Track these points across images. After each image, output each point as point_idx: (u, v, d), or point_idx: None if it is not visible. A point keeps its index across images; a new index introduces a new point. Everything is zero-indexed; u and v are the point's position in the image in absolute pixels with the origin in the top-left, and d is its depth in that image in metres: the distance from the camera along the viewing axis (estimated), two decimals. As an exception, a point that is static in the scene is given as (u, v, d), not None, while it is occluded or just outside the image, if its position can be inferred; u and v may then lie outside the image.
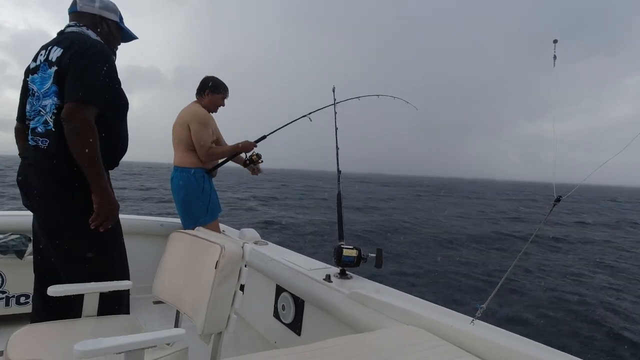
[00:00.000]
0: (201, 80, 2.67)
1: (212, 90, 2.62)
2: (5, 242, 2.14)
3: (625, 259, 10.97)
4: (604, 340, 5.22)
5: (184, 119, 2.54)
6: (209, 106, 2.63)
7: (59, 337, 1.25)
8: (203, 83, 2.64)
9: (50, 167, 1.40)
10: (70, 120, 1.32)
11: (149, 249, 2.46)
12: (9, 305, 2.15)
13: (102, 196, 1.38)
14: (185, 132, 2.52)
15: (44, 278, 1.52)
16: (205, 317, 1.22)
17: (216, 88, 2.63)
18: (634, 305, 6.81)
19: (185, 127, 2.51)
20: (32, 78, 1.48)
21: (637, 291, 7.71)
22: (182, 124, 2.53)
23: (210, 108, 2.64)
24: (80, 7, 1.55)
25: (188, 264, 1.42)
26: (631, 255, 11.56)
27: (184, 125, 2.52)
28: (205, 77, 2.67)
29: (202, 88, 2.64)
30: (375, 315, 1.38)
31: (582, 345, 5.05)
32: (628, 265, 10.10)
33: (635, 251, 12.26)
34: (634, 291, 7.74)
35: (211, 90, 2.62)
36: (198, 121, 2.51)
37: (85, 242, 1.44)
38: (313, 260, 2.09)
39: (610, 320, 6.05)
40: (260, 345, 2.07)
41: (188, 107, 2.61)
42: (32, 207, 1.50)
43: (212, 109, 2.65)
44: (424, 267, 8.61)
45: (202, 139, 2.51)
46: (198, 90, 2.65)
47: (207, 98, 2.62)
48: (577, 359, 1.04)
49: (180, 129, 2.54)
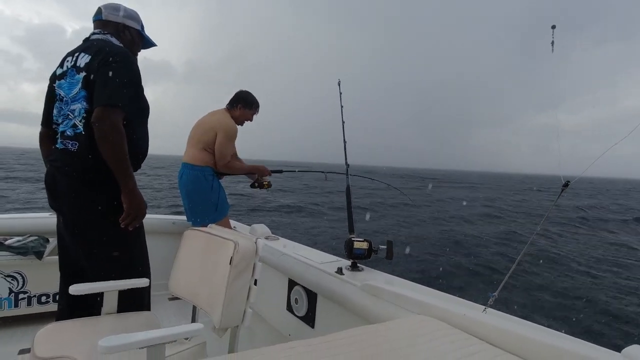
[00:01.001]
0: (236, 93, 2.73)
1: (245, 105, 2.69)
2: (24, 243, 2.21)
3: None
4: (618, 325, 5.19)
5: (212, 125, 2.58)
6: (238, 119, 2.69)
7: (82, 334, 1.29)
8: (237, 96, 2.71)
9: (79, 168, 1.45)
10: (100, 124, 1.37)
11: (162, 247, 2.51)
12: (31, 305, 2.22)
13: (132, 196, 1.44)
14: (209, 137, 2.56)
15: (68, 277, 1.57)
16: (222, 311, 1.25)
17: (249, 104, 2.71)
18: (649, 290, 6.73)
19: (212, 133, 2.56)
20: (60, 84, 1.53)
21: (651, 276, 7.61)
22: (209, 128, 2.57)
23: (238, 121, 2.69)
24: (106, 15, 1.61)
25: (203, 261, 1.45)
26: (645, 240, 11.39)
27: (211, 130, 2.56)
28: (239, 90, 2.74)
29: (235, 101, 2.70)
30: (387, 306, 1.40)
31: (595, 331, 5.03)
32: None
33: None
34: (649, 276, 7.65)
35: (244, 105, 2.69)
36: (227, 134, 2.56)
37: (110, 242, 1.49)
38: (324, 254, 2.11)
39: (624, 305, 6.00)
40: (275, 338, 2.11)
41: (220, 115, 2.65)
42: (58, 207, 1.55)
43: (240, 122, 2.72)
44: (434, 257, 8.60)
45: (226, 151, 2.57)
46: (231, 101, 2.71)
47: (239, 112, 2.68)
48: (590, 343, 1.05)
49: (205, 132, 2.58)
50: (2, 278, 2.13)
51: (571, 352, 0.90)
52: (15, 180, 20.84)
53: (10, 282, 2.15)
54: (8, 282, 2.15)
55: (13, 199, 14.19)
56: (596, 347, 1.03)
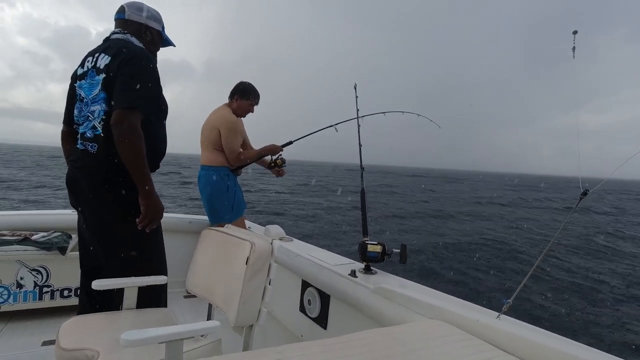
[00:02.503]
0: (235, 84, 2.71)
1: (241, 95, 2.66)
2: (49, 239, 2.29)
3: (664, 254, 10.46)
4: (636, 336, 5.03)
5: (213, 123, 2.61)
6: (237, 111, 2.67)
7: (104, 328, 1.34)
8: (235, 88, 2.69)
9: (98, 170, 1.48)
10: (119, 126, 1.39)
11: (179, 246, 2.56)
12: (54, 298, 2.30)
13: (149, 198, 1.45)
14: (214, 135, 2.59)
15: (88, 273, 1.62)
16: (238, 310, 1.28)
17: (245, 94, 2.66)
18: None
19: (215, 131, 2.58)
20: (80, 84, 1.56)
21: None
22: (212, 127, 2.60)
23: (238, 113, 2.68)
24: (129, 15, 1.61)
25: (219, 260, 1.49)
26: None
27: (214, 129, 2.59)
28: (239, 82, 2.71)
29: (233, 93, 2.69)
30: (400, 309, 1.40)
31: (612, 341, 4.88)
32: (666, 260, 9.63)
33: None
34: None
35: (240, 96, 2.66)
36: (228, 127, 2.57)
37: (128, 242, 1.52)
38: (338, 256, 2.12)
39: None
40: (287, 338, 2.13)
41: (218, 111, 2.67)
42: (79, 207, 1.60)
43: (240, 114, 2.70)
44: (448, 261, 8.49)
45: (233, 144, 2.58)
46: (230, 93, 2.70)
47: (236, 103, 2.67)
48: (607, 354, 1.04)
49: (210, 132, 2.61)
50: (28, 272, 2.22)
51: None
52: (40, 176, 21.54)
53: (35, 276, 2.24)
54: (33, 275, 2.24)
55: (40, 195, 14.66)
56: (613, 357, 1.01)
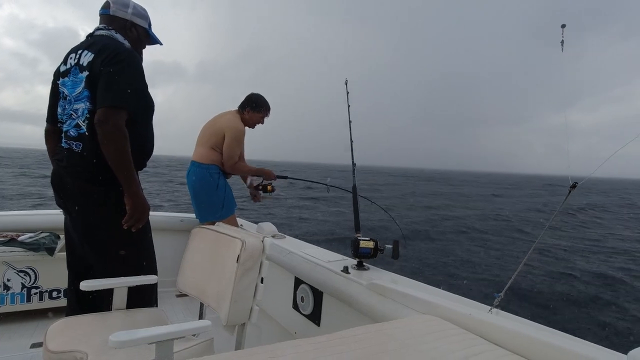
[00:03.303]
0: (247, 95, 2.75)
1: (254, 108, 2.71)
2: (36, 240, 2.25)
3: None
4: (625, 327, 5.13)
5: (221, 127, 2.60)
6: (248, 122, 2.72)
7: (93, 329, 1.32)
8: (247, 99, 2.73)
9: (84, 169, 1.45)
10: (103, 125, 1.36)
11: (170, 244, 2.53)
12: (42, 300, 2.26)
13: (134, 198, 1.43)
14: (218, 137, 2.59)
15: (76, 274, 1.59)
16: (229, 308, 1.27)
17: (258, 107, 2.72)
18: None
19: (220, 133, 2.59)
20: (63, 81, 1.52)
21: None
22: (217, 129, 2.60)
23: (248, 124, 2.73)
24: (114, 11, 1.57)
25: (210, 259, 1.47)
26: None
27: (220, 132, 2.59)
28: (251, 93, 2.76)
29: (245, 104, 2.72)
30: (393, 305, 1.40)
31: (602, 332, 4.97)
32: (653, 252, 9.83)
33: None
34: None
35: (252, 109, 2.71)
36: (235, 136, 2.58)
37: (116, 241, 1.50)
38: (330, 252, 2.12)
39: (632, 306, 5.92)
40: (281, 335, 2.12)
41: (229, 116, 2.67)
42: (65, 207, 1.56)
43: (250, 125, 2.74)
44: (440, 257, 8.56)
45: (233, 152, 2.59)
46: (242, 104, 2.74)
47: (248, 114, 2.71)
48: (597, 345, 1.05)
49: (213, 133, 2.61)
50: (15, 273, 2.18)
51: (577, 354, 0.90)
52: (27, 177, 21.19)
53: (22, 278, 2.20)
54: (21, 277, 2.20)
55: (26, 194, 14.43)
56: (602, 348, 1.02)
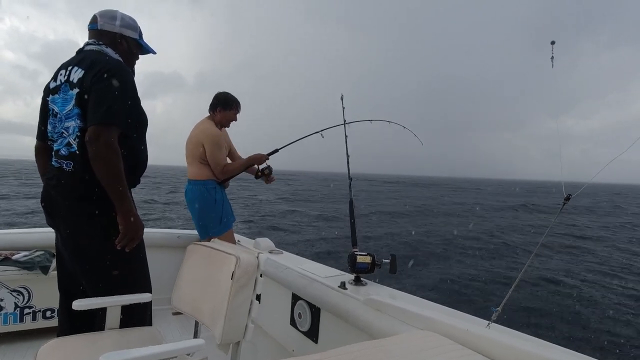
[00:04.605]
0: (214, 96, 2.70)
1: (224, 106, 2.66)
2: (30, 258, 2.23)
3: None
4: (623, 342, 5.06)
5: (198, 138, 2.58)
6: (221, 122, 2.68)
7: (85, 350, 1.30)
8: (215, 100, 2.68)
9: (75, 188, 1.43)
10: (94, 143, 1.33)
11: (167, 261, 2.51)
12: (36, 320, 2.22)
13: (127, 217, 1.39)
14: (198, 150, 2.57)
15: (68, 293, 1.56)
16: (223, 327, 1.25)
17: (227, 104, 2.67)
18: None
19: (199, 145, 2.56)
20: (53, 98, 1.50)
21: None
22: (196, 142, 2.57)
23: (223, 124, 2.69)
24: (101, 25, 1.56)
25: (205, 276, 1.46)
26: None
27: (198, 144, 2.56)
28: (217, 93, 2.71)
29: (214, 105, 2.68)
30: (390, 321, 1.38)
31: (601, 346, 4.90)
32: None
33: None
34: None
35: (223, 107, 2.66)
36: (212, 142, 2.55)
37: (109, 261, 1.46)
38: (328, 268, 2.10)
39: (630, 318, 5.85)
40: (278, 353, 2.08)
41: (202, 126, 2.64)
42: (55, 226, 1.54)
43: (224, 124, 2.71)
44: (438, 271, 8.50)
45: (217, 158, 2.56)
46: (210, 106, 2.69)
47: (219, 115, 2.67)
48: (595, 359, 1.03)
49: (194, 147, 2.58)
50: (8, 293, 2.15)
51: None
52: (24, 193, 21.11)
53: (16, 297, 2.17)
54: (14, 297, 2.16)
55: (20, 213, 14.34)
56: None
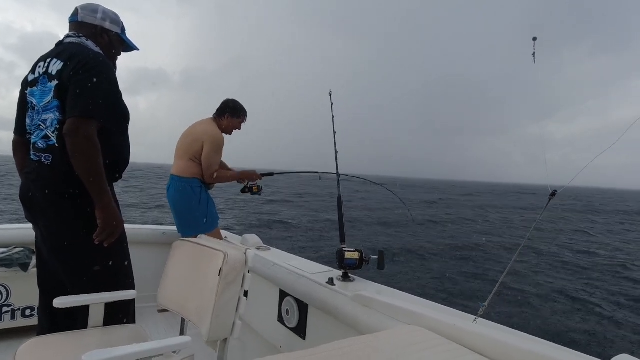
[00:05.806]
0: (222, 102, 2.69)
1: (232, 114, 2.65)
2: (9, 255, 2.16)
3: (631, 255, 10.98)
4: (608, 334, 5.22)
5: (199, 136, 2.53)
6: (226, 129, 2.65)
7: (66, 349, 1.26)
8: (224, 105, 2.67)
9: (54, 182, 1.39)
10: (72, 136, 1.30)
11: (152, 258, 2.47)
12: (14, 319, 2.16)
13: (106, 212, 1.37)
14: (196, 147, 2.52)
15: (48, 291, 1.52)
16: (210, 324, 1.23)
17: (236, 112, 2.66)
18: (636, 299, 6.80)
19: (199, 143, 2.51)
20: (31, 91, 1.46)
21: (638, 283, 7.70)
22: (196, 139, 2.53)
23: (227, 131, 2.66)
24: (82, 17, 1.52)
25: (192, 272, 1.43)
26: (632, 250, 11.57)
27: (198, 141, 2.51)
28: (226, 99, 2.69)
29: (222, 110, 2.66)
30: (378, 316, 1.39)
31: (586, 340, 5.05)
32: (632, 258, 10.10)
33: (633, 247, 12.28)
34: (636, 283, 7.73)
35: (231, 115, 2.65)
36: (214, 144, 2.52)
37: (90, 256, 1.43)
38: (315, 264, 2.10)
39: (614, 313, 6.04)
40: (266, 350, 2.08)
41: (206, 125, 2.60)
42: (35, 221, 1.49)
43: (228, 131, 2.68)
44: (426, 267, 8.61)
45: (213, 162, 2.53)
46: (218, 111, 2.67)
47: (226, 121, 2.64)
48: (581, 354, 1.05)
49: (192, 142, 2.53)
50: (-15, 291, 2.08)
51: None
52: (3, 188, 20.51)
53: (-7, 295, 2.10)
54: (-9, 295, 2.10)
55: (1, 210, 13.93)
56: (586, 356, 1.03)
